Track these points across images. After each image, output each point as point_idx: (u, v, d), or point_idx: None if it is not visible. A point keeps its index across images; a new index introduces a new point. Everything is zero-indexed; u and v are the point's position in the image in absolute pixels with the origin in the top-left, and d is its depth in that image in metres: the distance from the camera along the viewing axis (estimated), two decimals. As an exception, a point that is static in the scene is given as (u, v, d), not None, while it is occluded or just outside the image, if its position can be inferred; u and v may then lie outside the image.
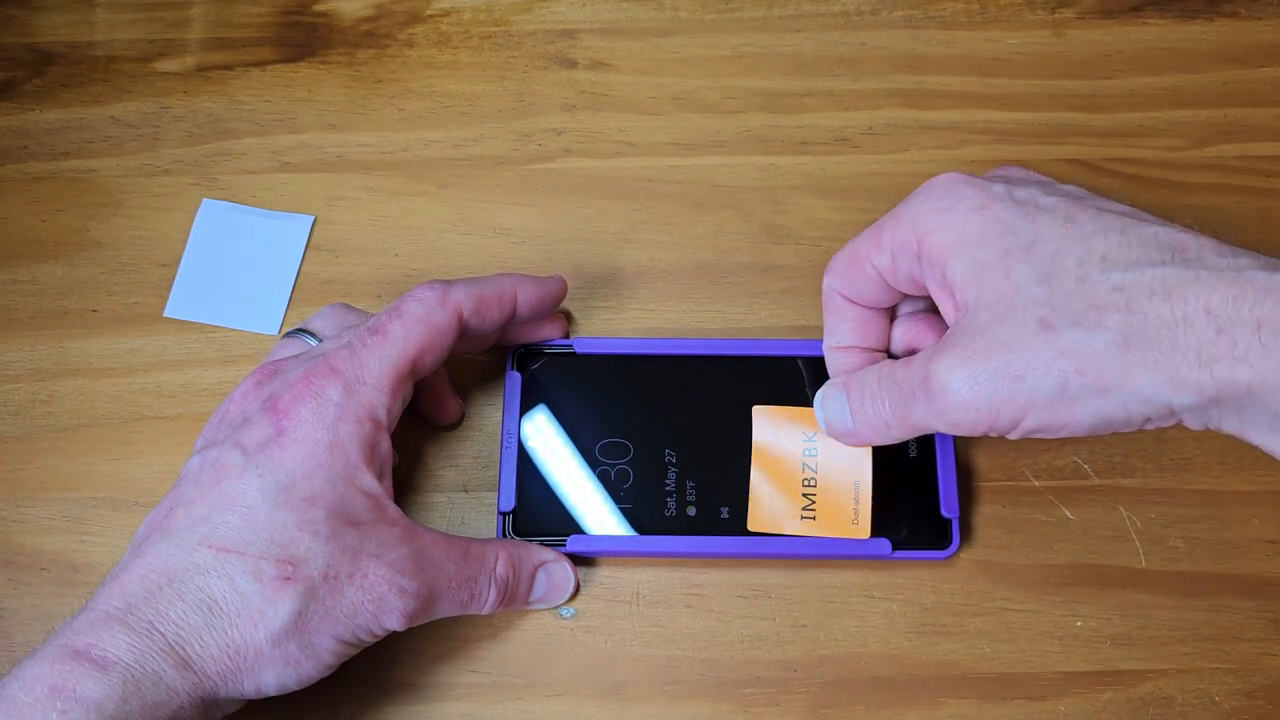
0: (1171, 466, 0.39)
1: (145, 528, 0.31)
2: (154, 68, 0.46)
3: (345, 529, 0.30)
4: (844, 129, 0.44)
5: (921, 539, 0.36)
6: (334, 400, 0.31)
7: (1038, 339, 0.28)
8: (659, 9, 0.47)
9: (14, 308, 0.41)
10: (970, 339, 0.29)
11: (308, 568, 0.29)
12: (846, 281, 0.34)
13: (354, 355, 0.32)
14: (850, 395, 0.33)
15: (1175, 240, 0.28)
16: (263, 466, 0.30)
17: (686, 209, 0.43)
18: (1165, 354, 0.26)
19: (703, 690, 0.36)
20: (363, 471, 0.31)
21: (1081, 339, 0.27)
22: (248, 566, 0.29)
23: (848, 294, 0.34)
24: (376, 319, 0.33)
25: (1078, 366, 0.27)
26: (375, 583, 0.30)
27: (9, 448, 0.39)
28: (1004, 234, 0.29)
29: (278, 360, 0.34)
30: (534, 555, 0.36)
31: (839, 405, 0.34)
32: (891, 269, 0.32)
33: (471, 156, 0.44)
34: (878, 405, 0.32)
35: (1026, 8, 0.46)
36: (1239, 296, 0.26)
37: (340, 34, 0.46)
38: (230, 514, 0.29)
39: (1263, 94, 0.45)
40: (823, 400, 0.35)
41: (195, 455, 0.31)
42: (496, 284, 0.35)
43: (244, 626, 0.29)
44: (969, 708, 0.36)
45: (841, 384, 0.34)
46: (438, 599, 0.32)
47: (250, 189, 0.43)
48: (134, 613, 0.28)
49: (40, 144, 0.44)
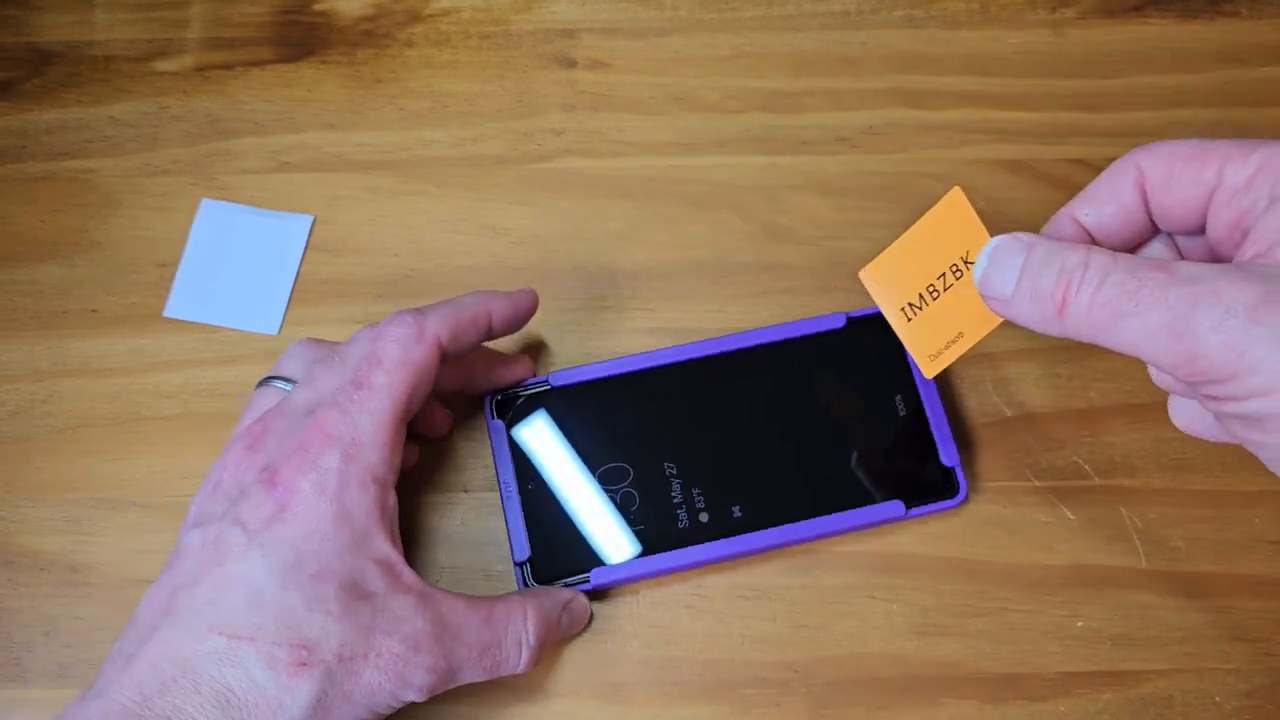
0: (1172, 466, 0.39)
1: (147, 607, 0.29)
2: (153, 67, 0.45)
3: (357, 604, 0.29)
4: (844, 129, 0.44)
5: (930, 493, 0.37)
6: (334, 468, 0.29)
7: None
8: (659, 9, 0.47)
9: (13, 308, 0.41)
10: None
11: (322, 650, 0.28)
12: (1165, 170, 0.28)
13: (345, 416, 0.30)
14: (1031, 258, 0.27)
15: None
16: (267, 545, 0.28)
17: (686, 209, 0.43)
18: None
19: (703, 691, 0.36)
20: (372, 537, 0.30)
21: None
22: (261, 653, 0.28)
23: (1150, 183, 0.28)
24: (357, 369, 0.31)
25: None
26: (391, 661, 0.29)
27: (8, 448, 0.39)
28: None
29: (263, 419, 0.32)
30: (557, 599, 0.34)
31: (1008, 265, 0.28)
32: (1235, 194, 0.26)
33: (471, 156, 0.44)
34: (1076, 288, 0.26)
35: (1027, 7, 0.46)
36: None
37: (339, 34, 0.46)
38: (238, 597, 0.28)
39: (1264, 94, 0.45)
40: (992, 250, 0.28)
41: (194, 529, 0.30)
42: (469, 305, 0.34)
43: (263, 718, 0.28)
44: (969, 708, 0.36)
45: (1026, 241, 0.28)
46: (459, 670, 0.31)
47: (249, 189, 0.43)
48: (150, 707, 0.27)
49: (39, 144, 0.44)
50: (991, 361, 0.40)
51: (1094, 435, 0.39)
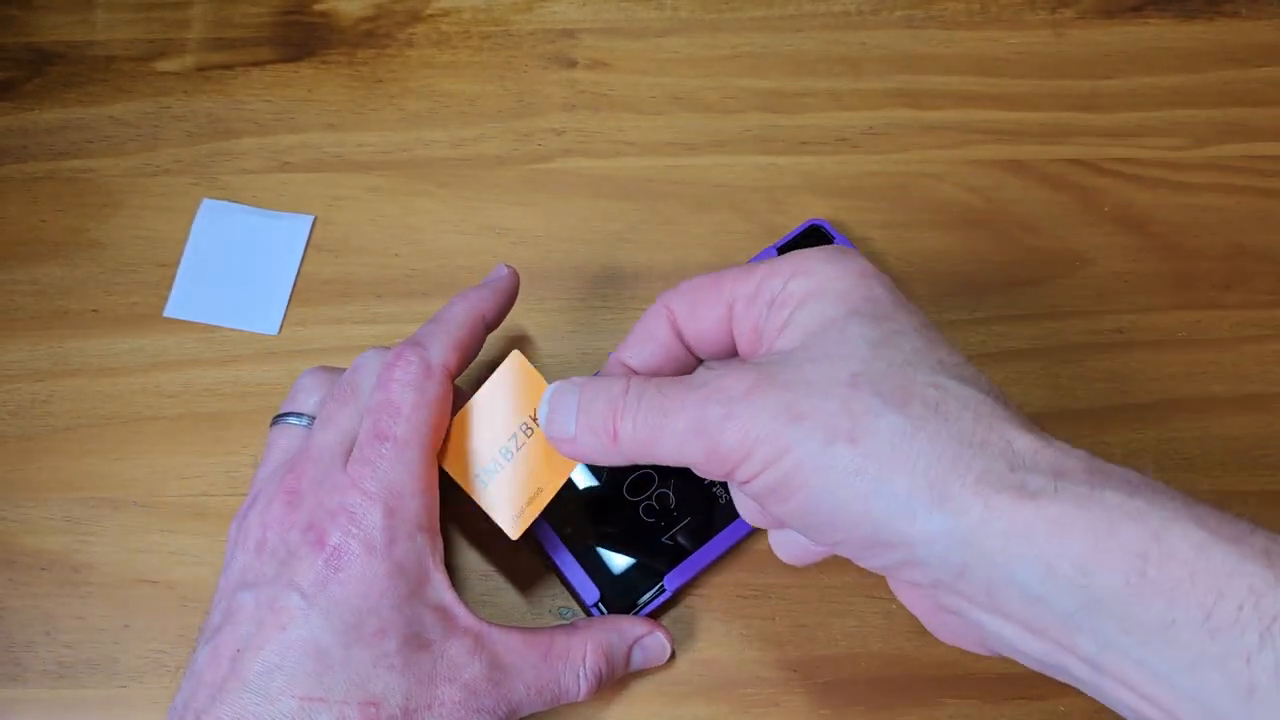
0: (1172, 466, 0.39)
1: (210, 665, 0.29)
2: (154, 67, 0.46)
3: (418, 655, 0.30)
4: (844, 129, 0.44)
5: None
6: (379, 524, 0.30)
7: (838, 389, 0.25)
8: (659, 9, 0.47)
9: (14, 308, 0.41)
10: (774, 368, 0.27)
11: (389, 705, 0.29)
12: (689, 303, 0.30)
13: (376, 472, 0.30)
14: (583, 396, 0.29)
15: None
16: (326, 608, 0.29)
17: (686, 209, 0.43)
18: (946, 463, 0.24)
19: (703, 690, 0.36)
20: (427, 585, 0.30)
21: (873, 408, 0.25)
22: (333, 713, 0.28)
23: (679, 317, 0.31)
24: (377, 421, 0.31)
25: (848, 435, 0.25)
26: (452, 709, 0.30)
27: (9, 448, 0.39)
28: (864, 300, 0.27)
29: (295, 469, 0.32)
30: (627, 634, 0.34)
31: (567, 406, 0.30)
32: (747, 304, 0.29)
33: (471, 156, 0.44)
34: (621, 415, 0.28)
35: (1027, 7, 0.46)
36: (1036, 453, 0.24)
37: (340, 34, 0.46)
38: (306, 660, 0.29)
39: (1263, 94, 0.45)
40: (550, 395, 0.30)
41: (245, 591, 0.30)
42: (462, 319, 0.33)
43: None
44: (969, 708, 0.36)
45: (579, 382, 0.30)
46: (519, 708, 0.31)
47: (250, 189, 0.43)
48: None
49: (40, 144, 0.44)
50: (991, 361, 0.40)
51: (1094, 435, 0.39)
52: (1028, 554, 0.23)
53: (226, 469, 0.39)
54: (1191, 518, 0.22)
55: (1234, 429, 0.39)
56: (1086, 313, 0.41)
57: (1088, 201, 0.43)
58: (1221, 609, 0.21)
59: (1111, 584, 0.22)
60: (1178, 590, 0.22)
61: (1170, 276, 0.42)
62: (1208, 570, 0.22)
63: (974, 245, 0.42)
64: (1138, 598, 0.22)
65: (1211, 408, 0.40)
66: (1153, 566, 0.22)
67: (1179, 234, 0.43)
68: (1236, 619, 0.21)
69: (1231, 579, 0.21)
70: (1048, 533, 0.23)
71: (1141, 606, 0.22)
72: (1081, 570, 0.22)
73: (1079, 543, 0.22)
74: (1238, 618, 0.21)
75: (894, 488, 0.24)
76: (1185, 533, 0.22)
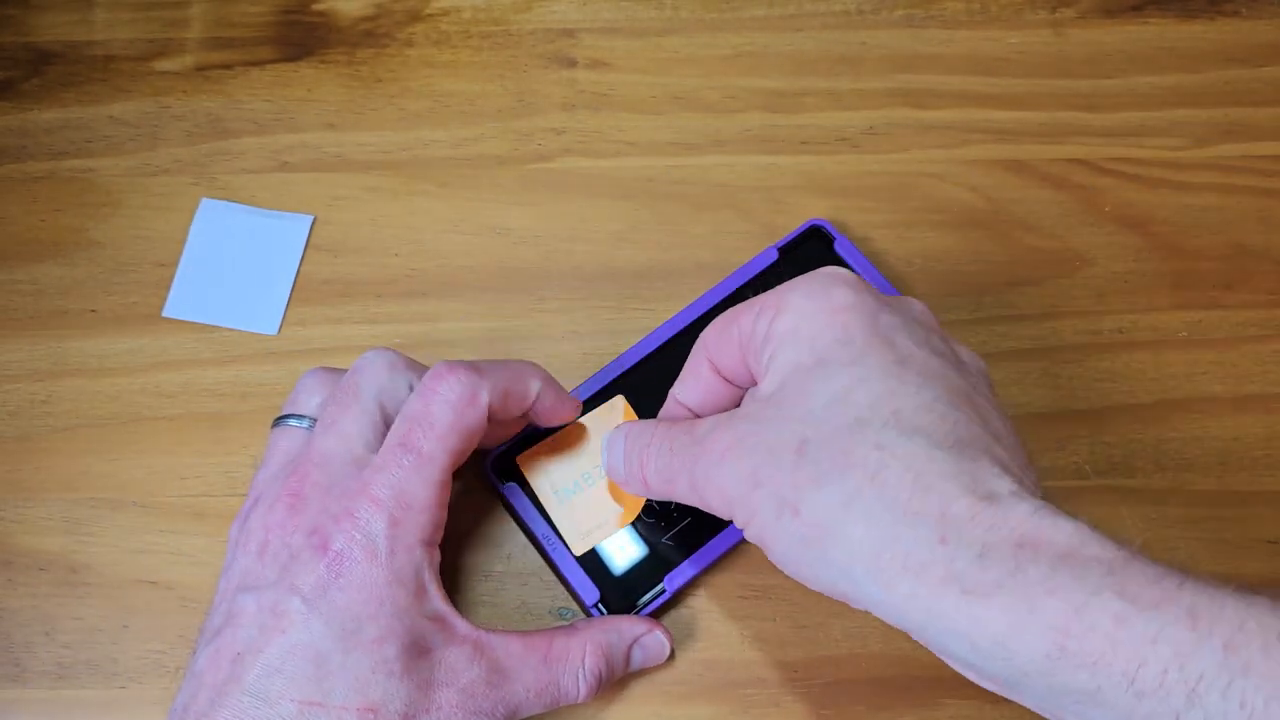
0: (1172, 466, 0.39)
1: (210, 667, 0.29)
2: (153, 67, 0.45)
3: (418, 661, 0.30)
4: (844, 129, 0.44)
5: None
6: (383, 533, 0.30)
7: (788, 455, 0.27)
8: (659, 8, 0.47)
9: (13, 308, 0.41)
10: (747, 425, 0.28)
11: (388, 710, 0.29)
12: (715, 341, 0.32)
13: (392, 481, 0.30)
14: (626, 443, 0.33)
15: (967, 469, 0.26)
16: (328, 615, 0.29)
17: (686, 209, 0.43)
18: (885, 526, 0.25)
19: (703, 690, 0.36)
20: (425, 596, 0.31)
21: (815, 478, 0.26)
22: (331, 718, 0.28)
23: (713, 356, 0.32)
24: (409, 431, 0.31)
25: (793, 505, 0.26)
26: (451, 713, 0.30)
27: (8, 448, 0.39)
28: (834, 343, 0.28)
29: (298, 472, 0.32)
30: (626, 634, 0.34)
31: (614, 450, 0.33)
32: (747, 342, 0.31)
33: (471, 156, 0.44)
34: (646, 464, 0.31)
35: (1027, 7, 0.46)
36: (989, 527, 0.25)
37: (340, 33, 0.46)
38: (305, 664, 0.29)
39: (1264, 93, 0.45)
40: (607, 442, 0.34)
41: (246, 594, 0.30)
42: (523, 376, 0.33)
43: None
44: (969, 708, 0.36)
45: (624, 429, 0.33)
46: (518, 711, 0.31)
47: (249, 188, 0.43)
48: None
49: (39, 144, 0.44)
50: (991, 361, 0.40)
51: (1094, 435, 0.39)
52: (953, 630, 0.24)
53: (226, 469, 0.39)
54: (1113, 588, 0.23)
55: (1234, 429, 0.39)
56: (1086, 313, 0.41)
57: (1088, 201, 0.43)
58: (1145, 675, 0.22)
59: (1033, 658, 0.23)
60: (1100, 661, 0.22)
61: (1170, 276, 0.42)
62: (1129, 640, 0.22)
63: (974, 245, 0.42)
64: (1061, 669, 0.23)
65: (1211, 408, 0.40)
66: (1073, 640, 0.23)
67: (1179, 234, 0.43)
68: (1161, 683, 0.22)
69: (1155, 645, 0.22)
70: (969, 615, 0.24)
71: (1066, 676, 0.23)
72: (1002, 646, 0.24)
73: (998, 622, 0.24)
74: (1162, 681, 0.22)
75: (835, 556, 0.26)
76: (1105, 605, 0.23)
